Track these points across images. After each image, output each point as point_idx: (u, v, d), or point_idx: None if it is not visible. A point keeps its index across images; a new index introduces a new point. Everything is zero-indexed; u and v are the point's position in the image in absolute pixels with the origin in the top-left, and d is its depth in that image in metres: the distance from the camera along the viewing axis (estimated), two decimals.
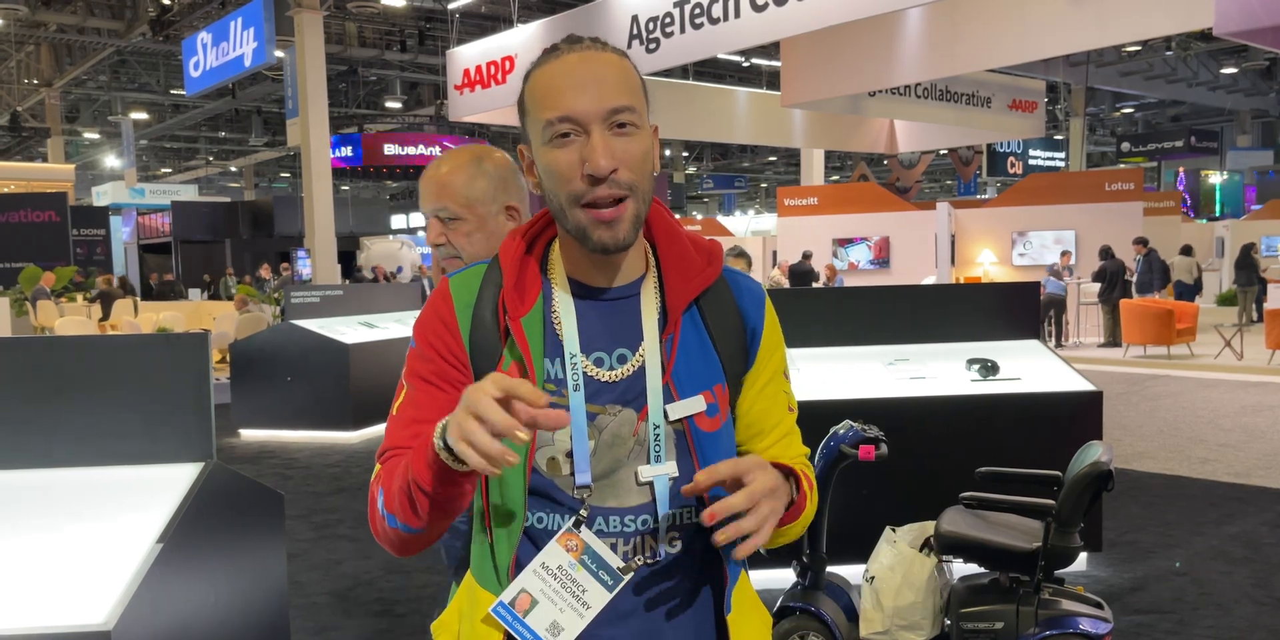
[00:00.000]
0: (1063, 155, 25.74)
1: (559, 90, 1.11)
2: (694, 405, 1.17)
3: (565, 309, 1.19)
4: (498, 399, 0.95)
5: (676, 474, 1.17)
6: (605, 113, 1.10)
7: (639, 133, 1.13)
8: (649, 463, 1.16)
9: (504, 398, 0.95)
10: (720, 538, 1.01)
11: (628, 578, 1.14)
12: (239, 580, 2.50)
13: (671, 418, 1.16)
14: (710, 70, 22.65)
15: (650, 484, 1.16)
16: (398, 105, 26.07)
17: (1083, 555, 4.33)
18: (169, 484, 2.24)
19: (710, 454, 1.17)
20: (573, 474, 1.15)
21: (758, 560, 1.29)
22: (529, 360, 1.15)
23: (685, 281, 1.21)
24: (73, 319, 13.13)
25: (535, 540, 1.16)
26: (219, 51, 14.40)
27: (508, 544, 1.16)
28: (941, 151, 25.00)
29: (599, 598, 1.12)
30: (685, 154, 35.23)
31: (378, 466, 1.20)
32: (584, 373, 1.16)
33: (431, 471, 1.04)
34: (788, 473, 1.17)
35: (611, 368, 1.17)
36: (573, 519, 1.14)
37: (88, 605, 1.72)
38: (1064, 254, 14.88)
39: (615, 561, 1.13)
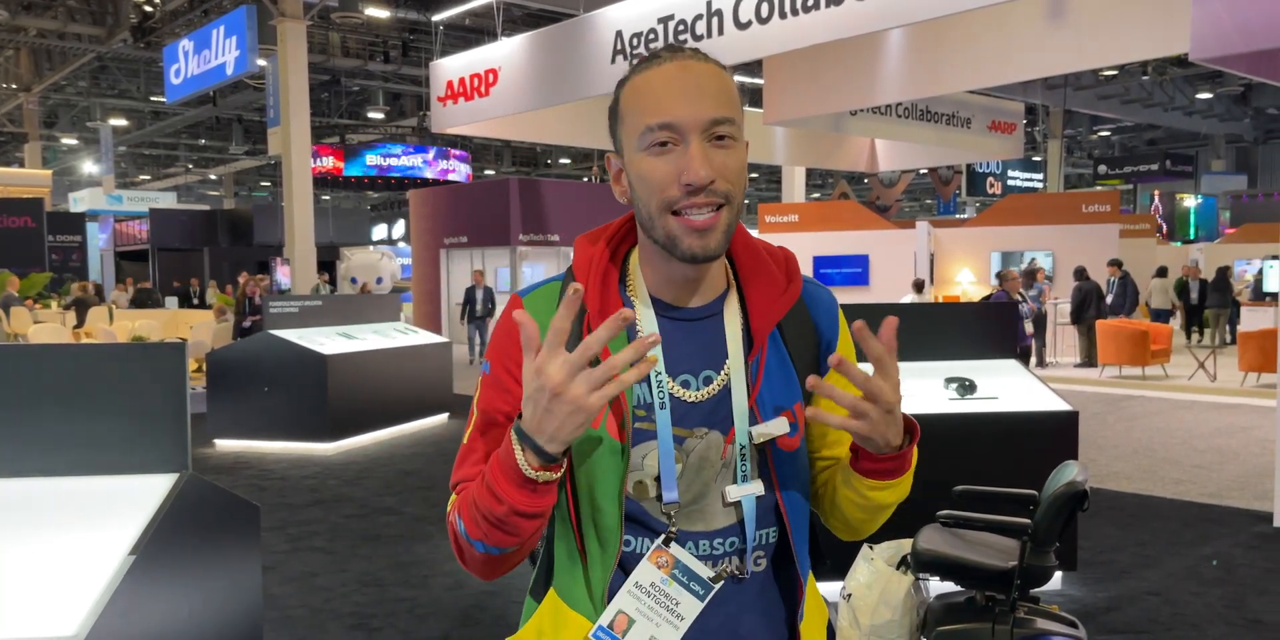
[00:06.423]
0: (1041, 176, 26.00)
1: (660, 97, 1.09)
2: (778, 427, 1.18)
3: (650, 329, 1.18)
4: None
5: (763, 492, 1.18)
6: (706, 123, 1.08)
7: (736, 145, 1.11)
8: (735, 483, 1.17)
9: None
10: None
11: (718, 586, 1.16)
12: (213, 592, 2.47)
13: (757, 440, 1.17)
14: None
15: (738, 504, 1.17)
16: (380, 116, 26.05)
17: (1058, 574, 4.35)
18: (143, 495, 2.22)
19: (788, 472, 1.20)
20: (659, 496, 1.15)
21: None
22: None
23: (770, 302, 1.21)
24: (47, 326, 12.98)
25: (624, 564, 1.17)
26: (200, 59, 14.37)
27: (602, 568, 1.16)
28: (922, 171, 25.20)
29: (691, 608, 1.15)
30: None
31: (453, 497, 1.18)
32: (670, 394, 1.16)
33: (516, 487, 1.03)
34: (909, 427, 1.20)
35: (697, 389, 1.17)
36: (662, 537, 1.15)
37: (58, 616, 1.70)
38: (1038, 271, 14.22)
39: (705, 572, 1.16)
